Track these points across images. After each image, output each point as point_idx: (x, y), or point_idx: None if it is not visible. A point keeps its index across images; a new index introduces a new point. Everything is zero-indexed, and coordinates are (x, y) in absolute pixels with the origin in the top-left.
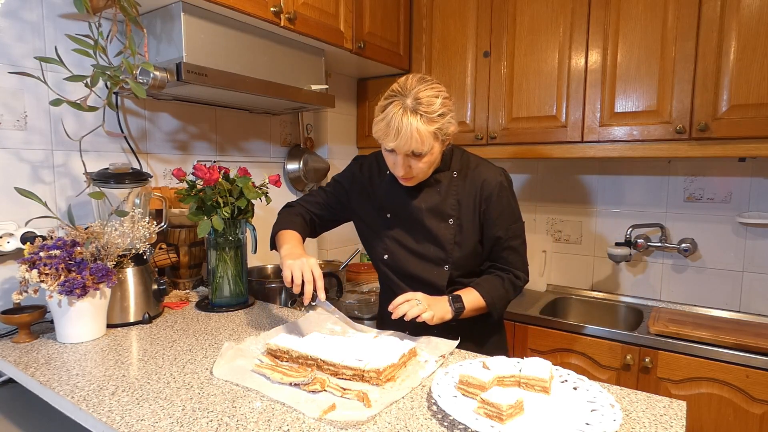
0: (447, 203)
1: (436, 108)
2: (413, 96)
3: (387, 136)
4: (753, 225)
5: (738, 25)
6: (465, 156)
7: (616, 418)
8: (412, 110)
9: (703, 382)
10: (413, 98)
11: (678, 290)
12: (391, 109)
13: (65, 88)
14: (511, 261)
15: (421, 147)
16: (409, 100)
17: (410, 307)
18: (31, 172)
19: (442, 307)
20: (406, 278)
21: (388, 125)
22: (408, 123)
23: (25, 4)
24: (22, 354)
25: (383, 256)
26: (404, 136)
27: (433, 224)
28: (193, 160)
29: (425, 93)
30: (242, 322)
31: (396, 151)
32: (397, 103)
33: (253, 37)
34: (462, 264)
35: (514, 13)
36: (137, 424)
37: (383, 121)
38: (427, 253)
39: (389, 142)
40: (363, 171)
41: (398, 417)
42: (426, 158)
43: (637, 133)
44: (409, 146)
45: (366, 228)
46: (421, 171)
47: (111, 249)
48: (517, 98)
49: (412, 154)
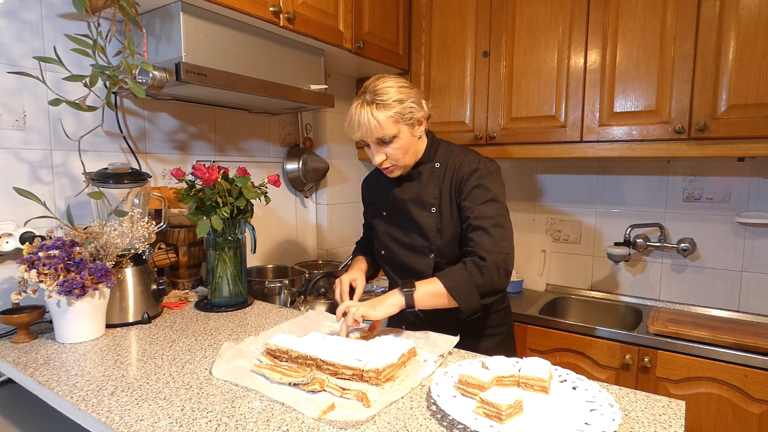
0: (428, 192)
1: (392, 95)
2: (371, 91)
3: (351, 129)
4: (752, 225)
5: (737, 25)
6: (450, 148)
7: (615, 418)
8: (369, 102)
9: (702, 381)
10: (371, 92)
11: (677, 290)
12: (354, 104)
13: (64, 87)
14: (478, 242)
15: (383, 132)
16: (368, 95)
17: (350, 315)
18: (30, 172)
19: (389, 298)
20: (398, 270)
21: (351, 120)
22: (365, 113)
23: (24, 3)
24: (21, 354)
25: (381, 252)
26: (364, 126)
27: (416, 214)
28: (192, 160)
29: (381, 85)
30: (241, 322)
31: (367, 142)
32: (358, 100)
33: (253, 36)
34: (446, 252)
35: (513, 13)
36: (136, 424)
37: (348, 117)
38: (413, 243)
39: (355, 134)
40: (367, 186)
41: (397, 417)
42: (396, 143)
43: (636, 133)
44: (371, 134)
45: (374, 233)
46: (397, 157)
47: (110, 249)
48: (517, 98)
49: (382, 142)
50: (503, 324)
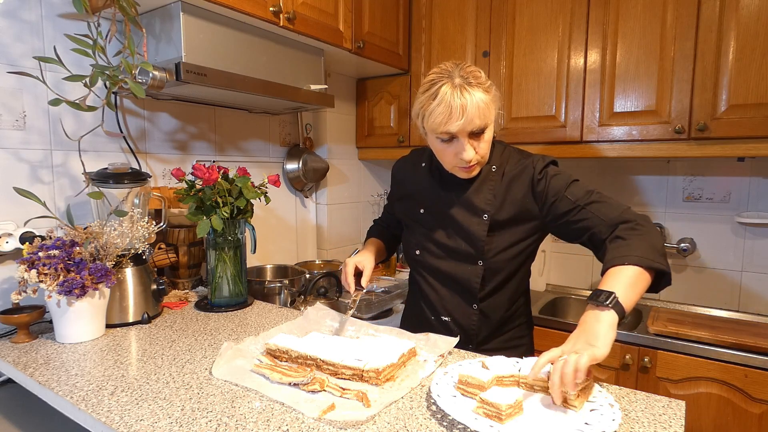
0: (481, 197)
1: (484, 79)
2: (459, 74)
3: (451, 117)
4: (752, 225)
5: (737, 25)
6: (507, 151)
7: (615, 418)
8: (467, 84)
9: (701, 381)
10: (460, 76)
11: (677, 290)
12: (444, 90)
13: (64, 87)
14: (600, 214)
15: (487, 119)
16: (457, 79)
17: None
18: (30, 172)
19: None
20: (435, 274)
21: (449, 106)
22: (470, 96)
23: (24, 3)
24: (21, 354)
25: (415, 252)
26: (471, 111)
27: (465, 218)
28: (193, 159)
29: (468, 69)
30: (241, 322)
31: (458, 136)
32: (446, 83)
33: (253, 36)
34: (496, 263)
35: (513, 13)
36: (136, 424)
37: (441, 104)
38: (457, 248)
39: (455, 122)
40: (399, 173)
41: (397, 417)
42: (487, 135)
43: (636, 133)
44: (475, 122)
45: (405, 228)
46: (484, 152)
47: (110, 249)
48: (517, 98)
49: (474, 134)
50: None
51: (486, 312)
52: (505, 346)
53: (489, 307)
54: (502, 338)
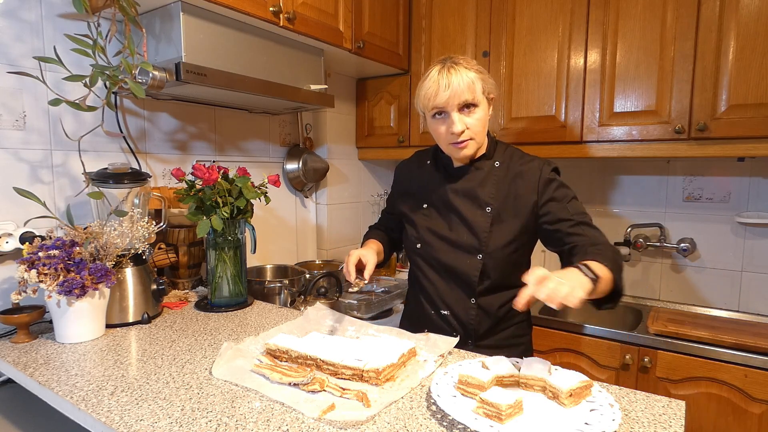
0: (485, 191)
1: (475, 63)
2: (450, 60)
3: (437, 92)
4: (752, 225)
5: (737, 25)
6: (509, 149)
7: (615, 418)
8: (454, 63)
9: (702, 381)
10: (451, 60)
11: (677, 290)
12: (434, 71)
13: (64, 87)
14: (587, 235)
15: (473, 93)
16: (448, 62)
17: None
18: (29, 172)
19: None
20: (435, 267)
21: (437, 82)
22: (455, 72)
23: (24, 3)
24: (21, 354)
25: (416, 246)
26: (456, 84)
27: (467, 211)
28: (192, 159)
29: (460, 58)
30: (241, 322)
31: (447, 110)
32: (438, 66)
33: (253, 36)
34: (497, 256)
35: (513, 13)
36: (136, 424)
37: (429, 81)
38: (459, 239)
39: (441, 95)
40: (402, 172)
41: (397, 417)
42: (477, 113)
43: (636, 133)
44: (459, 95)
45: (406, 224)
46: (477, 130)
47: (110, 249)
48: (516, 98)
49: (465, 108)
50: (525, 334)
51: (484, 307)
52: (505, 343)
53: (487, 302)
54: (502, 335)
